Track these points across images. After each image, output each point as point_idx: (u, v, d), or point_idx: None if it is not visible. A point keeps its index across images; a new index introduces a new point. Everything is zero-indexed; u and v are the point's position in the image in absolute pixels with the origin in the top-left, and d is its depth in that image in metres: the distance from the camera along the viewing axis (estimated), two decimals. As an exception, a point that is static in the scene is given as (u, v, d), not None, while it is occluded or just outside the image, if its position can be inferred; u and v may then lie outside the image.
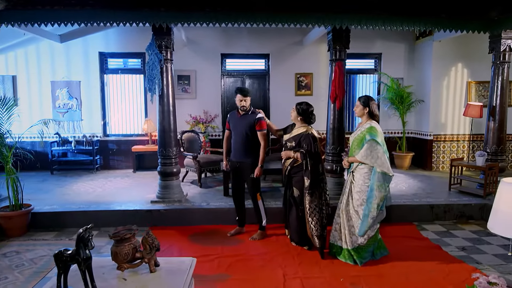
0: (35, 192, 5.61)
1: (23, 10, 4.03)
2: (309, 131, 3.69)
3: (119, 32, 7.13)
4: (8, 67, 7.18)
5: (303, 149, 3.63)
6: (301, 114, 3.72)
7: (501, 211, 1.77)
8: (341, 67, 4.96)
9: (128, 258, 1.53)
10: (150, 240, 1.60)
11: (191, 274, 1.60)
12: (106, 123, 7.58)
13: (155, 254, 1.61)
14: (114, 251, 1.54)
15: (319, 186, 3.67)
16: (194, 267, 1.72)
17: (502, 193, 1.80)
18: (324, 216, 3.70)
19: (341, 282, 3.24)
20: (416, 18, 4.36)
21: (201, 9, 4.19)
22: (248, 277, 3.33)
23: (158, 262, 1.66)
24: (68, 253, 1.49)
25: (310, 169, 3.60)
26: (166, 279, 1.50)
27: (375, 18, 4.34)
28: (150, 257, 1.58)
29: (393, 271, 3.44)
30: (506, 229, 1.74)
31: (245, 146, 4.08)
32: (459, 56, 6.90)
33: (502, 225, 1.76)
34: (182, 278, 1.50)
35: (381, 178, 3.40)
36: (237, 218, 4.37)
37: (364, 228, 3.49)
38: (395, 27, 4.38)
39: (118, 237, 1.54)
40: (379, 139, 3.39)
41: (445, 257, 3.77)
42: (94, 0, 4.09)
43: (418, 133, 7.43)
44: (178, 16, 4.18)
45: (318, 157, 3.66)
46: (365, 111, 3.53)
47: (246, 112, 4.06)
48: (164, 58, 4.78)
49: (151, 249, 1.58)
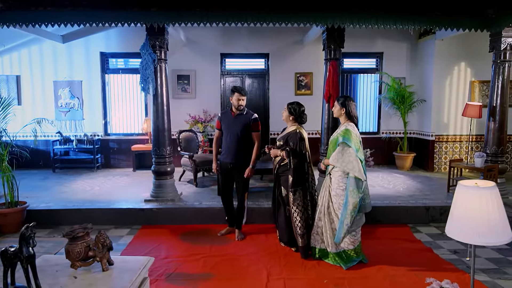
0: (35, 189, 5.73)
1: (18, 11, 4.11)
2: (298, 130, 3.67)
3: (119, 32, 7.21)
4: (12, 67, 7.34)
5: (288, 147, 3.60)
6: (293, 113, 3.69)
7: (456, 215, 1.73)
8: (336, 66, 4.91)
9: (80, 257, 1.54)
10: (102, 239, 1.61)
11: (143, 274, 1.61)
12: (107, 122, 7.68)
13: (108, 253, 1.62)
14: (67, 249, 1.56)
15: (303, 185, 3.65)
16: (150, 265, 1.73)
17: (458, 196, 1.75)
18: (309, 216, 3.66)
19: (324, 284, 3.21)
20: (410, 16, 4.28)
21: (192, 9, 4.20)
22: (231, 277, 3.33)
23: (112, 261, 1.68)
24: (12, 251, 1.51)
25: (294, 168, 3.59)
26: (116, 278, 1.51)
27: (368, 17, 4.28)
28: (102, 255, 1.59)
29: (379, 273, 3.39)
30: (459, 233, 1.69)
31: (239, 146, 4.06)
32: (463, 55, 6.75)
33: (457, 229, 1.71)
34: (132, 277, 1.51)
35: (353, 183, 3.31)
36: (226, 218, 4.36)
37: (341, 235, 3.42)
38: (388, 25, 4.30)
39: (70, 236, 1.56)
40: (352, 143, 3.29)
41: (435, 260, 3.70)
42: (86, 1, 4.14)
43: (420, 133, 7.29)
44: (169, 16, 4.20)
45: (303, 156, 3.63)
46: (342, 111, 3.46)
47: (241, 112, 4.05)
48: (157, 58, 4.81)
49: (103, 248, 1.59)
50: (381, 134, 7.53)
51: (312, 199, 3.71)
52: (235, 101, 3.99)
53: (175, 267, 3.50)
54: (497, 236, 1.62)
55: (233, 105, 4.03)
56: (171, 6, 4.15)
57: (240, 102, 3.98)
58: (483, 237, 1.63)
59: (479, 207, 1.62)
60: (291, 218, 3.70)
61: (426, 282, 2.04)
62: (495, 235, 1.62)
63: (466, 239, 1.68)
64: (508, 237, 1.65)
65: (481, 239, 1.63)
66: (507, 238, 1.65)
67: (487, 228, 1.61)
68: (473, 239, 1.66)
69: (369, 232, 4.42)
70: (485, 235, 1.62)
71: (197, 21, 4.25)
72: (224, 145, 4.14)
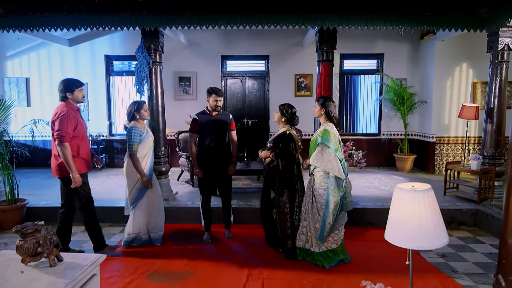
0: (39, 187, 5.95)
1: (16, 16, 4.29)
2: (288, 132, 3.69)
3: (123, 35, 7.40)
4: (22, 70, 7.64)
5: (277, 148, 3.64)
6: (285, 115, 3.70)
7: (391, 218, 1.72)
8: (327, 68, 4.90)
9: (29, 252, 1.62)
10: (49, 236, 1.69)
11: (91, 270, 1.68)
12: (112, 123, 7.88)
13: (55, 249, 1.70)
14: (17, 245, 1.64)
15: (291, 187, 3.66)
16: (101, 262, 1.80)
17: (394, 199, 1.74)
18: (296, 219, 3.68)
19: (303, 284, 3.22)
20: (400, 17, 4.23)
21: (183, 12, 4.27)
22: (212, 276, 3.38)
23: (61, 257, 1.75)
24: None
25: (282, 169, 3.61)
26: (60, 273, 1.59)
27: (357, 18, 4.25)
28: (49, 252, 1.66)
29: (360, 276, 3.36)
30: (394, 237, 1.68)
31: (223, 145, 4.13)
32: (464, 55, 6.61)
33: (392, 232, 1.70)
34: (75, 273, 1.58)
35: (334, 182, 3.34)
36: (206, 223, 4.26)
37: (323, 234, 3.43)
38: (378, 26, 4.27)
39: (19, 232, 1.64)
40: (331, 143, 3.32)
41: (420, 263, 3.65)
42: (81, 6, 4.28)
43: (421, 135, 7.18)
44: (160, 19, 4.29)
45: (292, 158, 3.65)
46: (322, 112, 3.48)
47: (219, 112, 4.12)
48: (152, 61, 4.93)
49: (50, 244, 1.67)
50: (381, 136, 7.45)
51: (300, 201, 3.70)
52: (212, 102, 4.03)
53: (159, 265, 3.58)
54: (430, 241, 1.60)
55: (210, 106, 4.06)
56: (162, 10, 4.24)
57: (218, 103, 4.03)
58: (415, 241, 1.61)
59: (412, 211, 1.60)
60: (278, 220, 3.72)
61: (362, 285, 2.03)
62: (428, 239, 1.59)
63: (400, 243, 1.67)
64: (441, 242, 1.62)
65: (414, 243, 1.62)
66: (440, 242, 1.62)
67: (420, 232, 1.59)
68: (405, 243, 1.64)
69: (359, 234, 4.40)
70: (418, 239, 1.60)
71: (187, 24, 4.33)
72: (205, 147, 4.04)
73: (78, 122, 3.57)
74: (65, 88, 3.54)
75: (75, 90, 3.57)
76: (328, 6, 4.20)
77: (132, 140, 3.79)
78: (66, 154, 3.38)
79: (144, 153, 3.89)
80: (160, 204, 4.12)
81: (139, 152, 3.83)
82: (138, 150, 3.83)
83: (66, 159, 3.39)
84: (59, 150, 3.39)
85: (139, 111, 3.89)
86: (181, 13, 4.31)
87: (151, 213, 3.99)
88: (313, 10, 4.19)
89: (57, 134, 3.40)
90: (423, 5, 4.16)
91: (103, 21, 4.31)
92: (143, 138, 3.86)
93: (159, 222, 4.09)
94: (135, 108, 3.90)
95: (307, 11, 4.19)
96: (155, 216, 4.03)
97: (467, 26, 4.25)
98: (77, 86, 3.60)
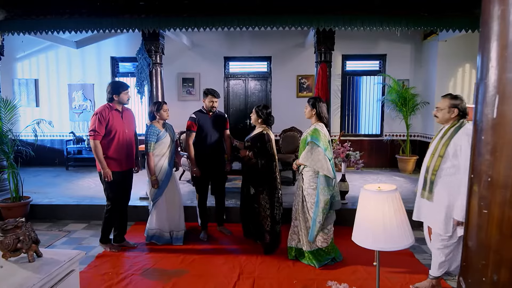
0: (45, 185, 6.13)
1: (21, 20, 4.44)
2: (265, 131, 3.83)
3: (128, 38, 7.53)
4: (31, 71, 7.86)
5: (256, 148, 3.77)
6: (260, 116, 3.83)
7: (357, 219, 1.73)
8: (325, 69, 4.94)
9: (9, 248, 1.70)
10: (27, 232, 1.76)
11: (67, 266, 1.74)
12: (117, 123, 8.02)
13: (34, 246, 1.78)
14: (-2, 241, 1.73)
15: (270, 184, 3.79)
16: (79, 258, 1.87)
17: (360, 200, 1.75)
18: (276, 213, 3.80)
19: (293, 284, 3.25)
20: (396, 17, 4.24)
21: (180, 15, 4.37)
22: (204, 274, 3.44)
23: (41, 253, 1.83)
24: None
25: (261, 167, 3.76)
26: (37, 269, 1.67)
27: (353, 19, 4.28)
28: (28, 248, 1.74)
29: (352, 276, 3.39)
30: (359, 238, 1.69)
31: (219, 144, 4.26)
32: (467, 56, 6.54)
33: (357, 233, 1.70)
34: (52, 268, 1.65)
35: (323, 181, 3.38)
36: (202, 222, 4.34)
37: (314, 233, 3.46)
38: (374, 27, 4.29)
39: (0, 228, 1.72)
40: (321, 142, 3.36)
41: (414, 265, 3.65)
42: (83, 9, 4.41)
43: (424, 136, 7.12)
44: (158, 22, 4.39)
45: (270, 157, 3.79)
46: (313, 112, 3.51)
47: (214, 113, 4.21)
48: (153, 62, 5.04)
49: (29, 240, 1.75)
50: (383, 137, 7.41)
51: (279, 198, 3.85)
52: (208, 103, 4.12)
53: (154, 262, 3.66)
54: (394, 242, 1.60)
55: (206, 106, 4.16)
56: (160, 12, 4.34)
57: (214, 104, 4.13)
58: (379, 242, 1.62)
59: (376, 212, 1.61)
60: (259, 216, 3.84)
61: (327, 285, 2.05)
62: (391, 240, 1.60)
63: (364, 243, 1.68)
64: (405, 243, 1.63)
65: (377, 244, 1.62)
66: (404, 243, 1.62)
67: (383, 233, 1.60)
68: (369, 244, 1.65)
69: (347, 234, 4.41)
70: (381, 241, 1.61)
71: (185, 26, 4.42)
72: (202, 145, 4.11)
73: (113, 122, 3.68)
74: (112, 90, 3.73)
75: (122, 92, 3.75)
76: (323, 7, 4.24)
77: (149, 139, 3.91)
78: (95, 150, 3.60)
79: (162, 152, 3.99)
80: (180, 203, 4.22)
81: (156, 150, 3.95)
82: (155, 148, 3.93)
83: (96, 155, 3.62)
84: (91, 146, 3.63)
85: (158, 111, 4.01)
86: (179, 16, 4.40)
87: (170, 210, 4.10)
88: (308, 11, 4.23)
89: (89, 132, 3.65)
90: (420, 5, 4.16)
91: (104, 23, 4.44)
92: (160, 137, 3.96)
93: (181, 222, 4.19)
94: (155, 109, 4.02)
95: (303, 12, 4.23)
96: (176, 214, 4.14)
97: (464, 26, 4.23)
98: (124, 89, 3.78)
